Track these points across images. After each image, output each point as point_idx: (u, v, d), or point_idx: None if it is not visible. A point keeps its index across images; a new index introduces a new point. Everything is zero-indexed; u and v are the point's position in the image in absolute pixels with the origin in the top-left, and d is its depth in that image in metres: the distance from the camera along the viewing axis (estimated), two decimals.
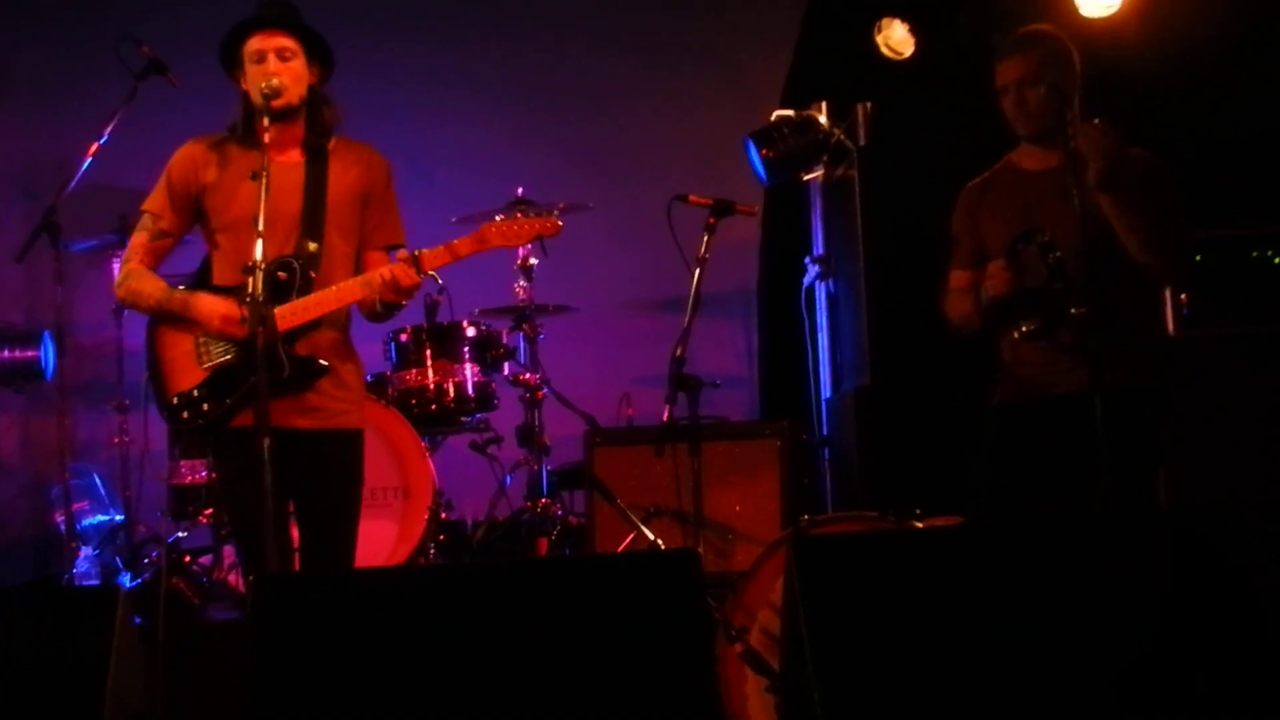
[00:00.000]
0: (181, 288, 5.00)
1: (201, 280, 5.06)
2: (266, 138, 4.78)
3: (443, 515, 7.08)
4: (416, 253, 4.87)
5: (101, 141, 7.40)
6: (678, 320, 6.22)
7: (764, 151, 7.09)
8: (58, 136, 8.42)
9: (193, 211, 5.05)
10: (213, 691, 5.50)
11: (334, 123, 5.04)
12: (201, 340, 4.95)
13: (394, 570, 6.18)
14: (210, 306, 4.89)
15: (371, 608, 3.94)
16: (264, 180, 4.66)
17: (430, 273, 4.97)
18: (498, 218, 5.09)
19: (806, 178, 7.46)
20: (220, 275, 4.98)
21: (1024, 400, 5.11)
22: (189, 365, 4.96)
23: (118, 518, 7.94)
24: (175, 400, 4.97)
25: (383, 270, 4.88)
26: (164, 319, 5.01)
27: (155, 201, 5.07)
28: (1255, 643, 3.78)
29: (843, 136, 7.11)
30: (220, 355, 4.93)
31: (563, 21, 8.70)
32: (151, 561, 7.44)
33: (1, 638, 4.11)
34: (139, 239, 5.07)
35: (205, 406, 4.93)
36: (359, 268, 5.04)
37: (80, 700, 3.90)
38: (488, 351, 7.42)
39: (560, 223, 5.14)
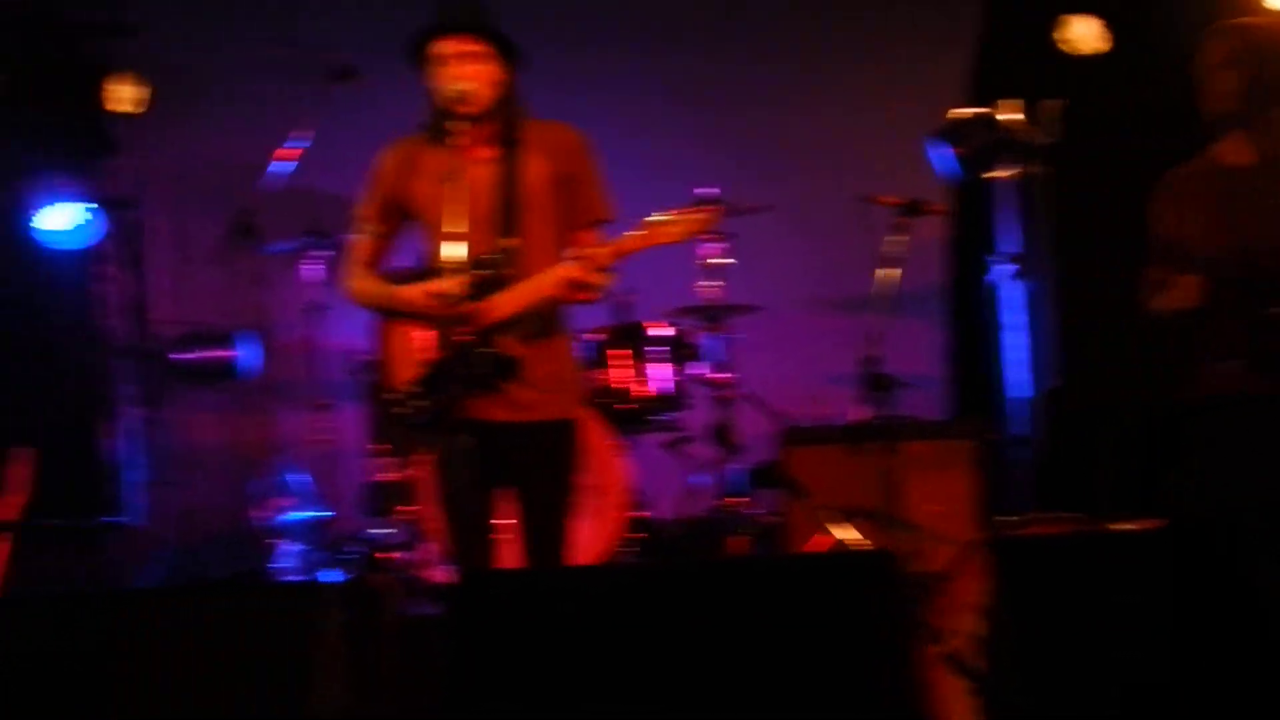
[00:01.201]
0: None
1: (419, 273, 5.16)
2: (457, 142, 4.84)
3: (636, 514, 7.10)
4: (586, 250, 4.91)
5: (297, 146, 7.54)
6: (865, 319, 6.20)
7: (950, 149, 7.03)
8: (251, 141, 8.57)
9: (400, 215, 5.15)
10: (411, 687, 5.56)
11: (521, 119, 5.08)
12: (419, 337, 5.04)
13: (589, 569, 6.21)
14: (411, 292, 5.00)
15: (566, 605, 3.97)
16: (456, 183, 4.72)
17: (606, 267, 4.98)
18: (653, 213, 5.04)
19: (992, 175, 7.38)
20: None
21: (1238, 393, 4.98)
22: (407, 361, 5.06)
23: (318, 514, 8.07)
24: (391, 395, 5.08)
25: (557, 268, 4.92)
26: (384, 316, 5.14)
27: (365, 207, 5.19)
28: None
29: (1030, 133, 7.03)
30: (434, 352, 5.00)
31: (747, 22, 8.67)
32: (352, 558, 7.55)
33: (207, 630, 4.21)
34: (356, 242, 5.22)
35: (421, 402, 5.01)
36: (569, 250, 5.07)
37: (286, 694, 3.98)
38: (679, 351, 7.42)
39: (719, 213, 5.09)
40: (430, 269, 5.06)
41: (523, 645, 3.90)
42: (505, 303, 4.91)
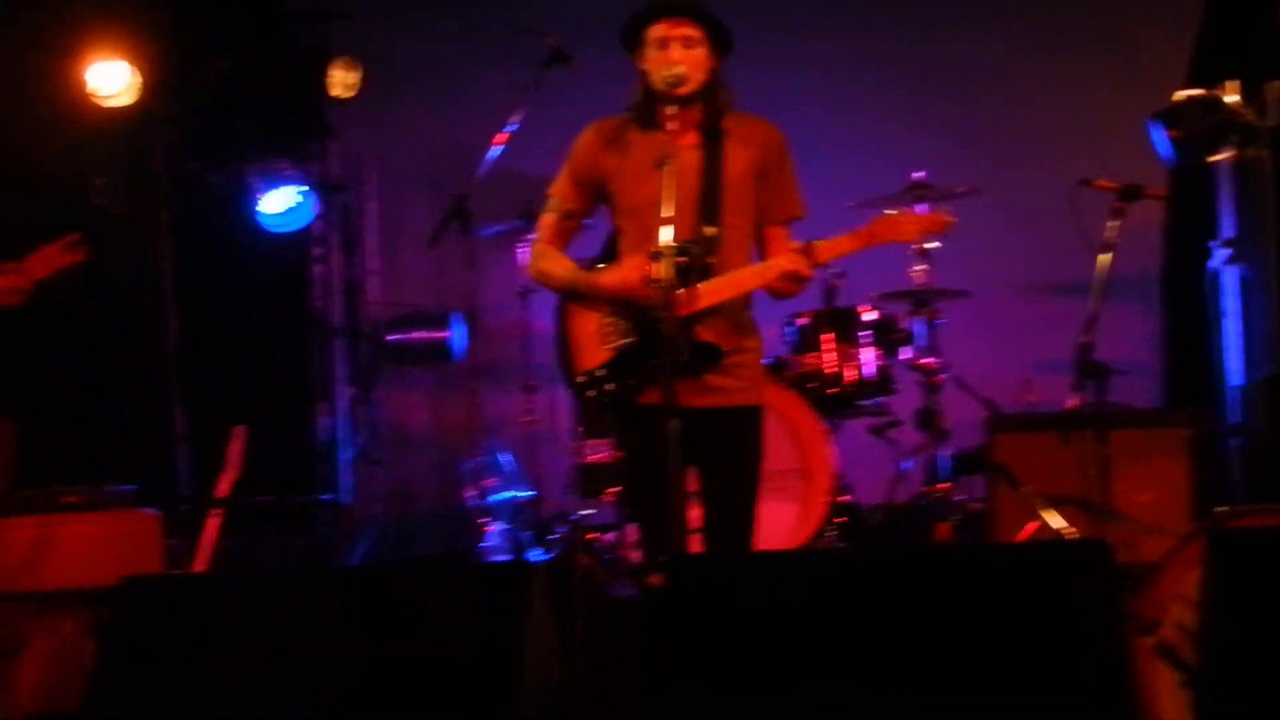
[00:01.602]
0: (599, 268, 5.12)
1: (607, 257, 5.17)
2: (670, 125, 4.85)
3: (841, 499, 7.08)
4: (810, 244, 4.87)
5: (508, 130, 7.62)
6: (1077, 305, 6.10)
7: (1170, 132, 6.89)
8: (462, 126, 8.69)
9: (596, 195, 5.14)
10: (617, 668, 5.60)
11: (727, 109, 5.06)
12: (607, 321, 5.05)
13: (794, 554, 6.20)
14: (613, 278, 4.98)
15: (770, 590, 3.96)
16: (669, 167, 4.73)
17: (823, 264, 4.97)
18: (886, 211, 5.03)
19: (1213, 159, 7.22)
20: (644, 265, 5.05)
21: None
22: (594, 344, 5.07)
23: (526, 494, 8.16)
24: (581, 377, 5.09)
25: (778, 260, 4.90)
26: (572, 299, 5.14)
27: (559, 185, 5.18)
28: None
29: (1253, 116, 6.86)
30: (624, 335, 5.01)
31: (959, 3, 8.59)
32: (559, 538, 7.63)
33: (418, 606, 4.27)
34: (546, 220, 5.20)
35: (609, 386, 5.03)
36: (758, 243, 5.08)
37: (498, 673, 4.01)
38: (886, 335, 7.38)
39: (951, 219, 5.04)
40: (616, 255, 5.09)
41: (724, 629, 3.90)
42: (714, 289, 4.91)
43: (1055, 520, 6.41)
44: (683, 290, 4.83)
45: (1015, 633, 3.77)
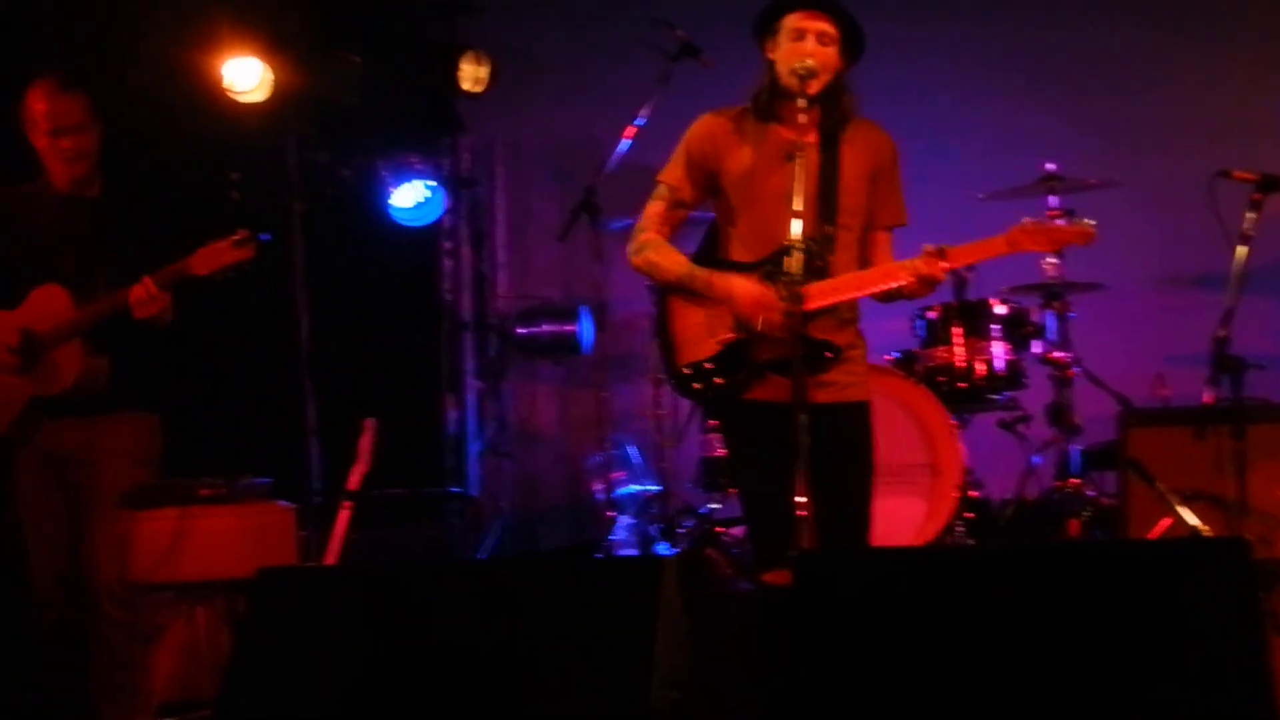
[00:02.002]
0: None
1: (708, 255, 5.12)
2: (801, 119, 4.82)
3: (971, 494, 7.03)
4: (942, 247, 4.80)
5: (637, 123, 7.63)
6: (1212, 298, 6.02)
7: None
8: (591, 119, 8.72)
9: (708, 185, 5.09)
10: (744, 662, 5.59)
11: (850, 112, 5.01)
12: (714, 314, 5.01)
13: (926, 551, 6.16)
14: (743, 289, 4.92)
15: (903, 586, 3.94)
16: (800, 160, 4.71)
17: (956, 269, 4.91)
18: (1024, 220, 4.90)
19: None
20: (736, 252, 5.03)
21: None
22: (700, 337, 5.03)
23: (652, 488, 8.17)
24: (686, 370, 5.06)
25: (912, 262, 4.82)
26: (677, 293, 5.10)
27: (672, 173, 5.14)
28: None
29: None
30: (732, 330, 4.98)
31: None
32: (686, 532, 7.63)
33: (549, 600, 4.28)
34: (654, 208, 5.17)
35: (716, 380, 5.01)
36: (863, 248, 5.05)
37: (628, 667, 4.02)
38: (1017, 329, 7.32)
39: (1094, 232, 4.95)
40: (718, 249, 5.07)
41: (852, 627, 3.89)
42: (838, 287, 4.87)
43: (1189, 517, 6.32)
44: (808, 287, 4.78)
45: (1151, 631, 3.73)
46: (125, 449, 5.72)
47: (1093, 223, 4.92)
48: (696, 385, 5.05)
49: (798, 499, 4.50)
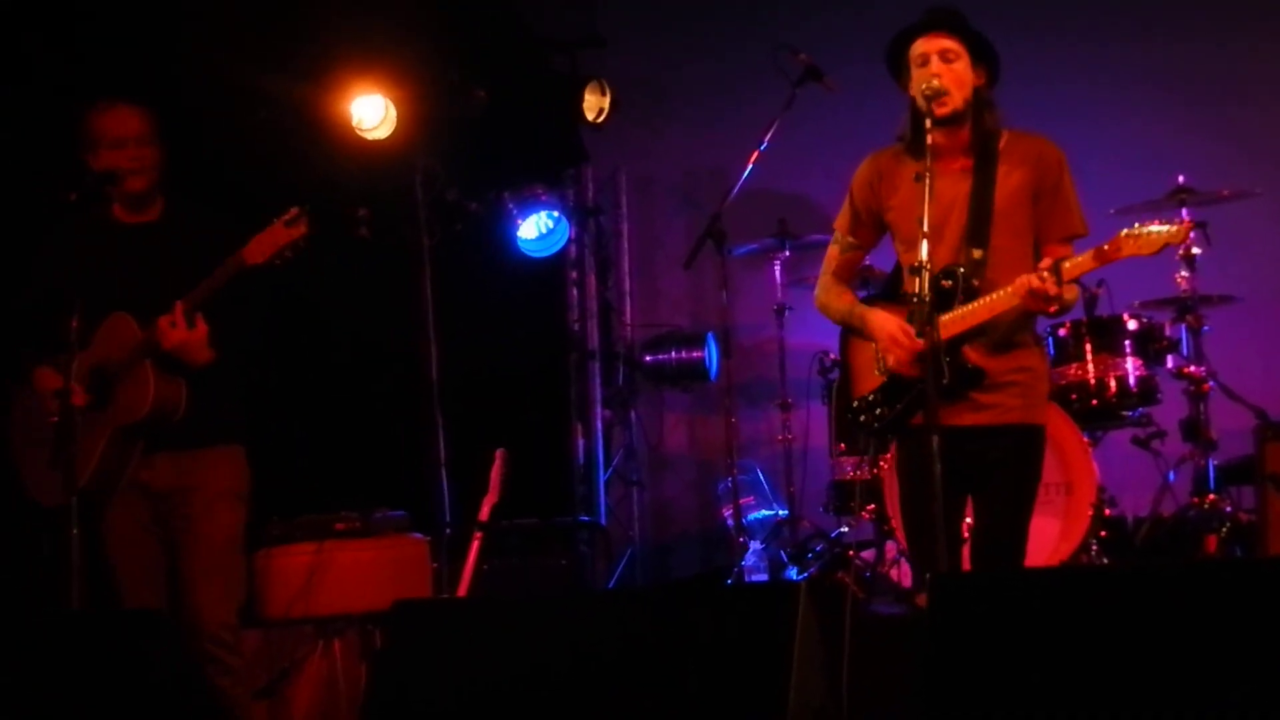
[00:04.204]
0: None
1: (891, 288, 5.27)
2: (930, 139, 4.80)
3: (1105, 512, 6.95)
4: (1056, 263, 4.76)
5: (761, 149, 7.63)
6: None
7: None
8: (716, 146, 8.73)
9: (876, 226, 5.16)
10: (878, 687, 5.56)
11: (996, 129, 4.98)
12: (879, 349, 5.08)
13: (1063, 571, 6.09)
14: (880, 323, 5.03)
15: (1042, 607, 3.90)
16: (927, 182, 4.69)
17: (1069, 282, 4.86)
18: (1125, 230, 4.86)
19: None
20: (908, 284, 5.00)
21: None
22: (869, 372, 5.14)
23: (782, 512, 8.16)
24: (856, 404, 5.16)
25: (1024, 279, 4.77)
26: (848, 331, 5.24)
27: (842, 220, 5.22)
28: None
29: None
30: (894, 363, 5.02)
31: (1225, 6, 8.37)
32: (816, 556, 7.61)
33: (686, 627, 4.28)
34: (831, 252, 5.27)
35: (879, 410, 5.08)
36: (1037, 263, 4.97)
37: (766, 693, 4.01)
38: (1149, 344, 7.23)
39: (1189, 222, 4.88)
40: (899, 289, 5.09)
41: (999, 646, 3.85)
42: (969, 313, 4.86)
43: None
44: (949, 314, 4.81)
45: None
46: (223, 487, 5.51)
47: (1187, 219, 4.87)
48: (864, 418, 5.14)
49: (954, 520, 4.52)
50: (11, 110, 6.77)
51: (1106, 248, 4.79)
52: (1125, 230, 4.80)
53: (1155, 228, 4.78)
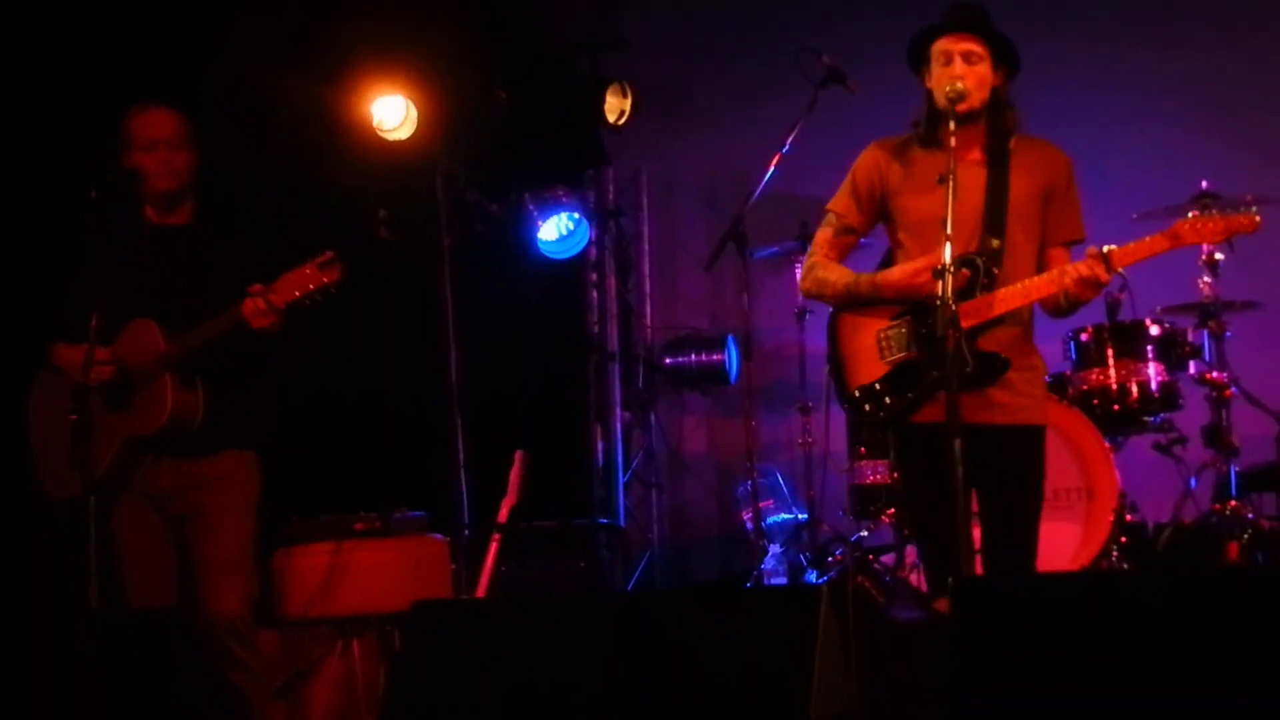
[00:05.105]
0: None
1: None
2: (952, 141, 4.81)
3: (1126, 518, 6.93)
4: (1106, 249, 4.77)
5: (783, 151, 7.61)
6: None
7: None
8: (738, 148, 8.72)
9: (877, 212, 5.15)
10: (898, 691, 5.54)
11: (1013, 127, 5.02)
12: (883, 336, 5.04)
13: (1085, 576, 6.07)
14: (899, 271, 4.97)
15: (1065, 612, 3.89)
16: (950, 184, 4.69)
17: (1120, 270, 4.86)
18: (1190, 214, 4.92)
19: None
20: (929, 286, 5.01)
21: None
22: (871, 359, 5.07)
23: (801, 516, 8.14)
24: (857, 393, 5.09)
25: (1075, 266, 4.81)
26: (847, 310, 5.15)
27: (840, 201, 5.19)
28: None
29: None
30: (902, 350, 4.99)
31: (1247, 11, 8.34)
32: (836, 560, 7.59)
33: (706, 631, 4.27)
34: (823, 235, 5.21)
35: (888, 400, 5.02)
36: (1040, 264, 5.00)
37: (787, 697, 4.01)
38: (1172, 350, 7.20)
39: (1259, 219, 4.91)
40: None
41: (1023, 651, 3.84)
42: (1005, 297, 4.86)
43: None
44: (970, 302, 4.81)
45: None
46: (235, 490, 5.50)
47: (1255, 209, 4.86)
48: (868, 408, 5.08)
49: (968, 524, 4.50)
50: (46, 111, 6.80)
51: (1165, 234, 4.80)
52: (1191, 214, 4.81)
53: (1221, 215, 4.80)
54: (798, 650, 4.05)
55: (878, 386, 5.04)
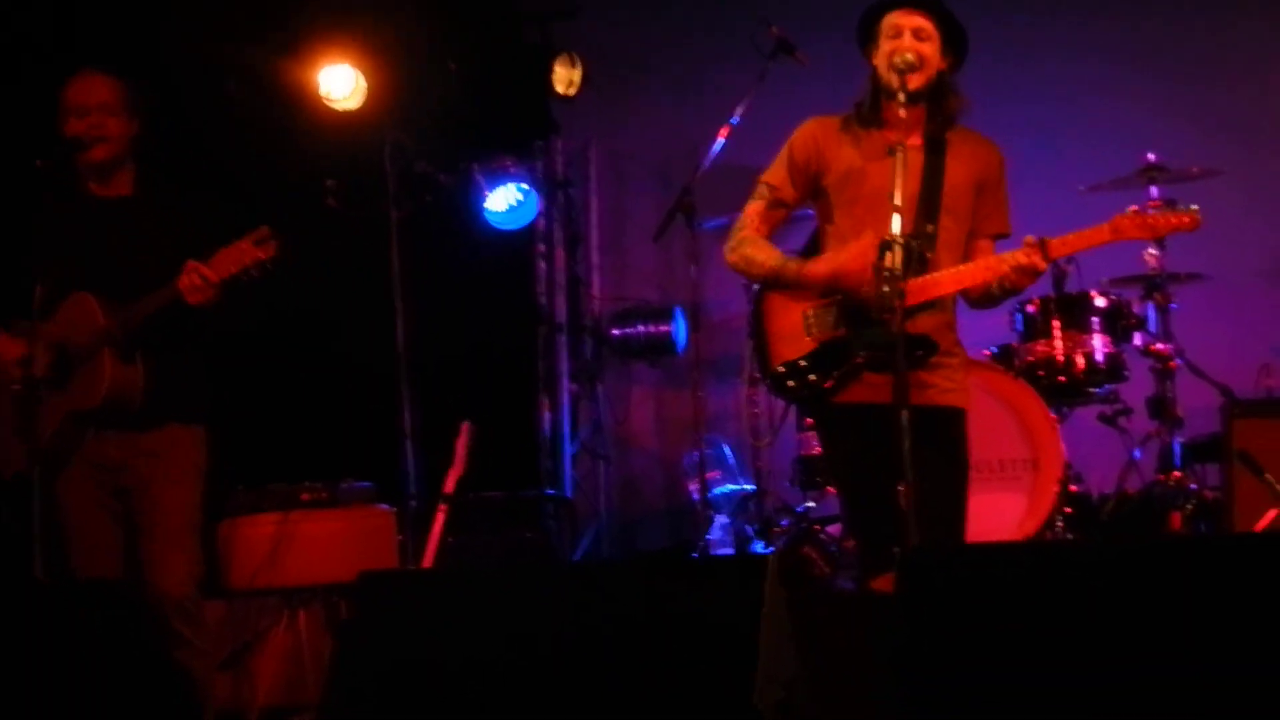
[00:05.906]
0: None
1: (809, 256, 5.09)
2: (901, 113, 4.80)
3: (1071, 488, 6.97)
4: (1043, 239, 4.77)
5: (733, 123, 7.61)
6: None
7: None
8: (686, 120, 8.71)
9: (810, 187, 5.08)
10: (844, 660, 5.57)
11: (957, 113, 4.99)
12: (810, 313, 4.99)
13: (1030, 546, 6.09)
14: (825, 265, 4.90)
15: (1011, 582, 3.90)
16: (900, 155, 4.68)
17: (1057, 259, 4.87)
18: (1129, 208, 4.89)
19: None
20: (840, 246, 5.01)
21: None
22: (796, 336, 5.01)
23: (748, 487, 8.15)
24: (781, 369, 5.03)
25: (1014, 254, 4.80)
26: (773, 288, 5.09)
27: (774, 174, 5.13)
28: None
29: None
30: (829, 328, 4.95)
31: None
32: (782, 530, 7.61)
33: (652, 601, 4.28)
34: (754, 207, 5.16)
35: (811, 377, 4.97)
36: (966, 254, 4.99)
37: (733, 666, 4.02)
38: (1118, 321, 7.24)
39: (1200, 218, 4.90)
40: (819, 251, 5.03)
41: (970, 621, 3.86)
42: (941, 281, 4.85)
43: None
44: (906, 282, 4.74)
45: (1261, 625, 3.67)
46: (181, 464, 5.46)
47: (1196, 208, 4.87)
48: (791, 384, 5.02)
49: (900, 500, 4.47)
50: None
51: (1104, 227, 4.81)
52: (1130, 209, 4.81)
53: (1162, 211, 4.81)
54: (744, 619, 4.06)
55: (802, 363, 4.98)
